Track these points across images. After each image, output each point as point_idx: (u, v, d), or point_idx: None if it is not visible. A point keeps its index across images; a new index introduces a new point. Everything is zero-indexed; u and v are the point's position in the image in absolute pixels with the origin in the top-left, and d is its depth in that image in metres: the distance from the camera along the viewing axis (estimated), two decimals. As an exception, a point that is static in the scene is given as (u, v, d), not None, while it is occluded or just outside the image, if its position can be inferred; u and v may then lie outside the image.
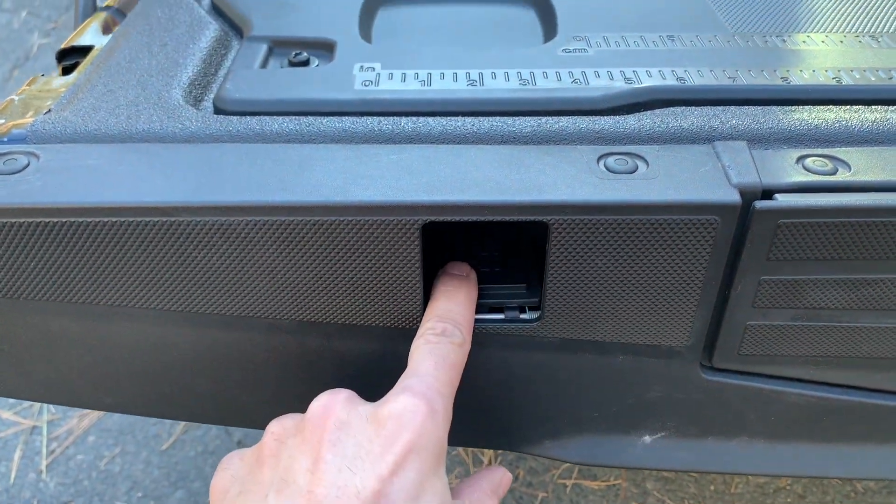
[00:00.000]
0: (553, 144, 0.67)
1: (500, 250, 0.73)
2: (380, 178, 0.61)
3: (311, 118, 0.68)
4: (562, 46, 0.81)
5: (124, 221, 0.59)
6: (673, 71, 0.75)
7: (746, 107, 0.71)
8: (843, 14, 0.87)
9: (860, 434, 0.74)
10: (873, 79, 0.74)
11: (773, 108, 0.70)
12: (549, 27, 0.87)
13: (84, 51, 0.84)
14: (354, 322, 0.65)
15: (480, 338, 0.67)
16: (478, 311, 0.67)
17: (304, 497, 0.50)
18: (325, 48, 0.81)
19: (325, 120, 0.68)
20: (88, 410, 1.89)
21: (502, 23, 0.91)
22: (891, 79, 0.74)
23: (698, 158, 0.63)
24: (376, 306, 0.64)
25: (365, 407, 0.56)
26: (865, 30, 0.84)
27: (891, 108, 0.71)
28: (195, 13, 0.87)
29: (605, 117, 0.69)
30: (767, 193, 0.61)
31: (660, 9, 0.89)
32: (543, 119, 0.68)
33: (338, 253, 0.61)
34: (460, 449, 1.73)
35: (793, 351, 0.68)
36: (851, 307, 0.65)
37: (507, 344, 0.68)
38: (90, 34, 0.88)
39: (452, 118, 0.68)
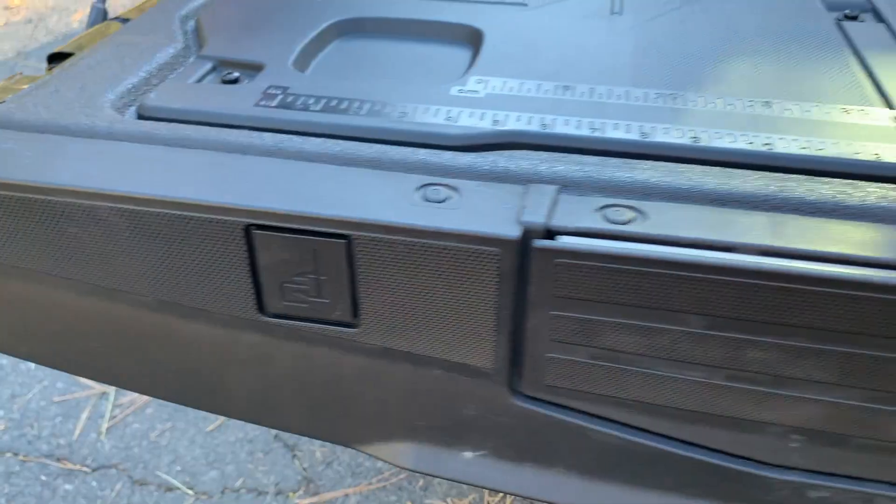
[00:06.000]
0: (392, 171, 0.74)
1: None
2: (210, 181, 0.70)
3: (196, 127, 0.79)
4: (460, 86, 0.88)
5: (11, 196, 0.72)
6: (542, 118, 0.80)
7: (589, 156, 0.75)
8: (748, 79, 0.89)
9: (670, 484, 0.75)
10: (734, 142, 0.76)
11: (611, 159, 0.74)
12: (470, 67, 0.94)
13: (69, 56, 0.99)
14: (202, 307, 0.75)
15: (314, 337, 0.75)
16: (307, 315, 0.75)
17: None
18: (258, 70, 0.92)
19: (207, 129, 0.79)
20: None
21: (437, 60, 0.99)
22: (751, 143, 0.76)
23: (505, 196, 0.69)
24: (216, 295, 0.74)
25: None
26: (760, 95, 0.85)
27: (729, 169, 0.73)
28: (169, 31, 1.01)
29: (446, 152, 0.75)
30: (550, 233, 0.65)
31: (578, 60, 0.94)
32: (388, 147, 0.75)
33: (178, 242, 0.71)
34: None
35: (596, 389, 0.72)
36: (645, 354, 0.68)
37: (336, 345, 0.76)
38: None
39: (311, 138, 0.77)
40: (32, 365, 2.18)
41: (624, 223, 0.66)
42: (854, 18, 1.10)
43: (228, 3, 1.12)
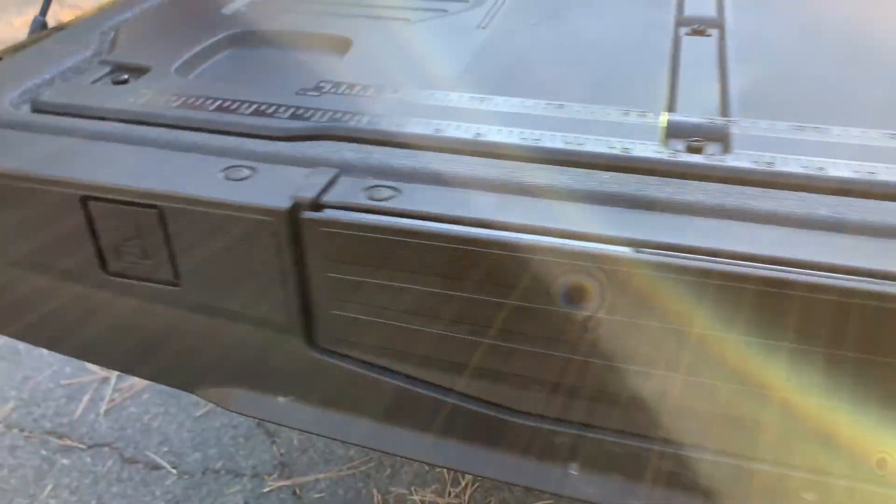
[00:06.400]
0: (215, 157, 0.88)
1: None
2: (56, 161, 0.86)
3: (71, 119, 0.95)
4: (304, 87, 1.01)
5: None
6: (359, 115, 0.94)
7: (383, 147, 0.88)
8: (558, 84, 1.01)
9: (443, 430, 0.87)
10: (510, 137, 0.88)
11: (399, 150, 0.87)
12: (325, 73, 1.08)
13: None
14: (60, 266, 0.90)
15: (148, 293, 0.90)
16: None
17: None
18: (144, 73, 1.08)
19: (78, 120, 0.94)
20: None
21: (304, 67, 1.13)
22: (524, 139, 0.88)
23: (293, 177, 0.83)
24: (67, 256, 0.89)
25: None
26: (560, 98, 0.97)
27: (491, 159, 0.85)
28: (86, 40, 1.17)
29: (260, 140, 0.89)
30: (319, 206, 0.79)
31: (419, 67, 1.07)
32: (211, 135, 0.90)
33: (30, 210, 0.86)
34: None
35: (377, 342, 0.84)
36: (405, 310, 0.81)
37: (165, 301, 0.90)
38: None
39: (155, 128, 0.92)
40: (45, 350, 2.38)
41: (381, 200, 0.79)
42: (701, 33, 1.21)
43: (149, 18, 1.28)
